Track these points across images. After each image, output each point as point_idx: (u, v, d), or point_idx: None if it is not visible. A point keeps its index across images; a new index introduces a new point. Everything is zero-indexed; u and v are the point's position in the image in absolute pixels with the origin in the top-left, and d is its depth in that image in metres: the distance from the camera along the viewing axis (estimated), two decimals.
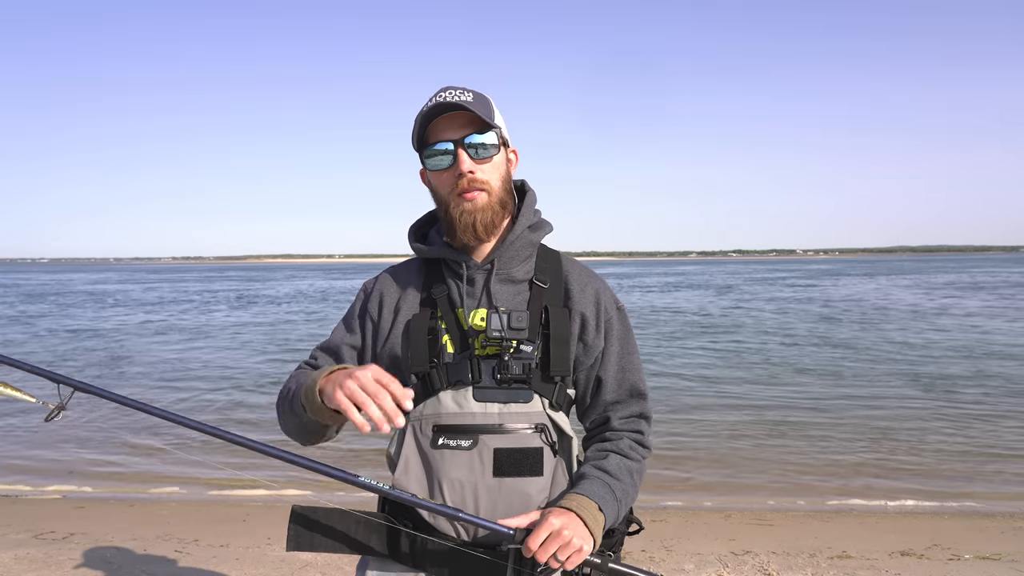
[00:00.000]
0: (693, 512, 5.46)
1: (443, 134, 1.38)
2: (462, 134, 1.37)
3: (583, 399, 1.49)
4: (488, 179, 1.40)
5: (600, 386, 1.47)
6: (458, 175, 1.38)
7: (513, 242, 1.44)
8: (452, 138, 1.37)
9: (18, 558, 4.22)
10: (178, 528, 4.86)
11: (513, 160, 1.50)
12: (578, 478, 1.39)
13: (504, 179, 1.44)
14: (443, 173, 1.40)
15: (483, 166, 1.39)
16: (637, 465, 1.44)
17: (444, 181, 1.41)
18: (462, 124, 1.38)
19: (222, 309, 28.07)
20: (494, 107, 1.44)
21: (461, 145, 1.37)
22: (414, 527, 1.37)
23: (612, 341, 1.47)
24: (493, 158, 1.41)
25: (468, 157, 1.37)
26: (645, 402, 1.49)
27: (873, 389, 10.09)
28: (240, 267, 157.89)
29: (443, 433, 1.36)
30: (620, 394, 1.47)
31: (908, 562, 4.22)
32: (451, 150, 1.37)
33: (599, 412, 1.48)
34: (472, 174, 1.37)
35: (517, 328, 1.34)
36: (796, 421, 8.22)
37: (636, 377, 1.48)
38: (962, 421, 8.12)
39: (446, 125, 1.38)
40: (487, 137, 1.39)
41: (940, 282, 43.08)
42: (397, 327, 1.45)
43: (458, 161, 1.37)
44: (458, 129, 1.37)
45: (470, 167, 1.37)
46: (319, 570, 4.04)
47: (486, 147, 1.39)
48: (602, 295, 1.48)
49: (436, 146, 1.38)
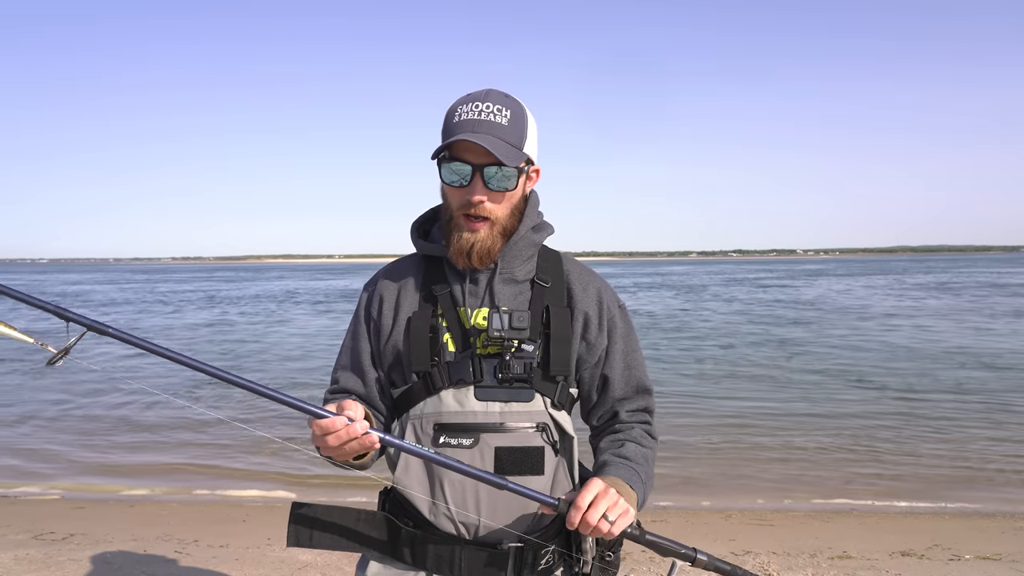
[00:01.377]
0: (693, 512, 5.46)
1: (464, 154, 1.34)
2: (483, 161, 1.33)
3: (589, 397, 1.51)
4: (496, 210, 1.38)
5: (606, 384, 1.48)
6: (467, 200, 1.36)
7: (516, 243, 1.45)
8: (472, 161, 1.34)
9: (18, 559, 4.22)
10: (178, 528, 4.85)
11: (534, 178, 1.48)
12: (600, 466, 1.42)
13: (514, 207, 1.42)
14: (455, 189, 1.38)
15: (496, 196, 1.37)
16: (651, 452, 1.47)
17: (454, 196, 1.39)
18: (486, 150, 1.32)
19: (165, 310, 27.32)
20: (527, 127, 1.40)
21: (479, 172, 1.34)
22: (415, 525, 1.38)
23: (616, 339, 1.48)
24: (506, 192, 1.39)
25: (483, 185, 1.35)
26: (650, 397, 1.53)
27: (869, 391, 10.09)
28: (233, 267, 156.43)
29: (444, 432, 1.35)
30: (627, 391, 1.49)
31: (909, 562, 4.22)
32: (468, 174, 1.35)
33: (606, 408, 1.50)
34: (482, 203, 1.36)
35: (519, 328, 1.34)
36: (799, 421, 8.22)
37: (641, 373, 1.51)
38: (962, 421, 8.12)
39: (470, 146, 1.33)
40: (507, 172, 1.36)
41: (911, 283, 42.77)
42: (399, 324, 1.45)
43: (471, 186, 1.35)
44: (481, 154, 1.33)
45: (480, 197, 1.35)
46: (319, 570, 4.04)
47: (504, 180, 1.36)
48: (604, 294, 1.49)
49: (453, 164, 1.35)
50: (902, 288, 37.37)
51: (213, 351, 15.58)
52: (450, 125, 1.37)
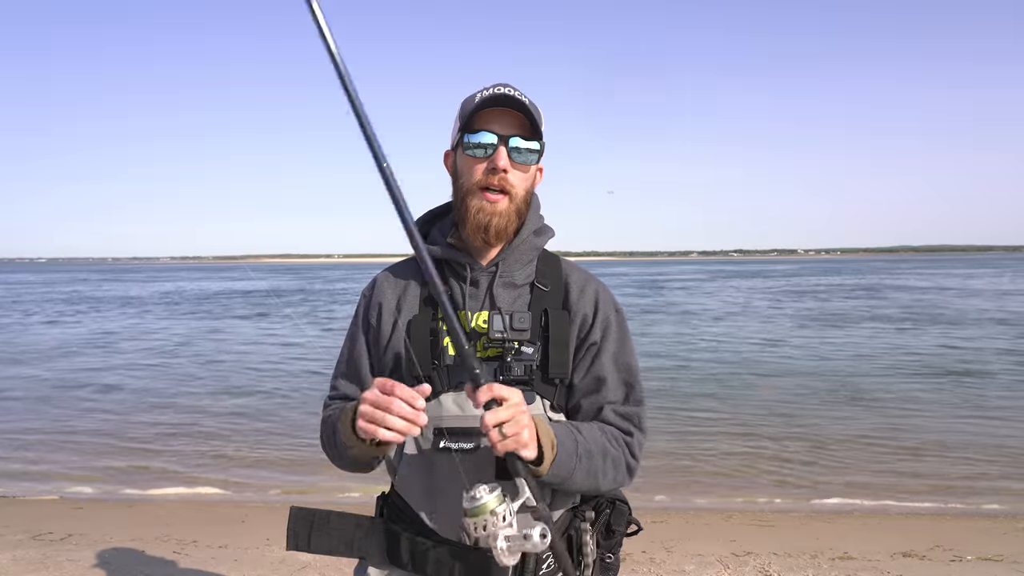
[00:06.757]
0: (694, 513, 5.45)
1: (491, 125, 1.37)
2: (510, 132, 1.36)
3: (578, 397, 1.46)
4: (517, 185, 1.39)
5: (596, 385, 1.44)
6: (491, 169, 1.36)
7: (519, 246, 1.44)
8: (500, 132, 1.36)
9: (16, 559, 4.21)
10: (177, 529, 4.84)
11: (539, 177, 1.50)
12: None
13: (528, 191, 1.44)
14: (477, 162, 1.38)
15: (517, 171, 1.38)
16: (614, 452, 1.38)
17: (476, 168, 1.39)
18: (512, 124, 1.37)
19: (13, 315, 25.38)
20: (542, 117, 1.43)
21: (504, 142, 1.36)
22: (414, 531, 1.36)
23: (610, 341, 1.45)
24: (529, 168, 1.41)
25: (507, 156, 1.37)
26: (641, 408, 1.46)
27: (864, 396, 10.08)
28: (209, 267, 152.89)
29: (444, 436, 1.34)
30: (617, 395, 1.44)
31: (910, 563, 4.20)
32: (494, 143, 1.36)
33: (594, 408, 1.43)
34: (505, 173, 1.36)
35: (519, 329, 1.33)
36: (799, 422, 8.22)
37: (633, 379, 1.46)
38: (962, 422, 8.11)
39: (497, 118, 1.36)
40: (531, 144, 1.39)
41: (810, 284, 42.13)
42: (399, 328, 1.43)
43: (495, 155, 1.36)
44: (508, 126, 1.36)
45: (506, 165, 1.36)
46: (318, 571, 4.03)
47: (528, 153, 1.39)
48: (601, 297, 1.47)
49: (481, 134, 1.37)
50: (769, 293, 35.56)
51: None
52: (472, 104, 1.37)
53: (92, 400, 9.87)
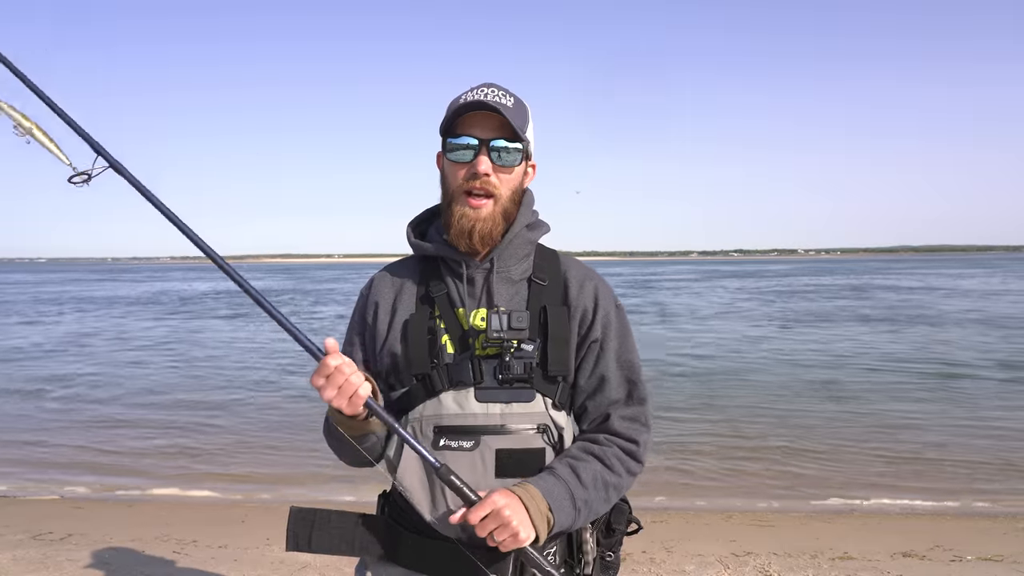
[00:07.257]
0: (694, 513, 5.44)
1: (472, 129, 1.37)
2: (491, 135, 1.37)
3: (582, 397, 1.47)
4: (500, 187, 1.39)
5: (599, 384, 1.43)
6: (473, 173, 1.37)
7: (512, 241, 1.44)
8: (479, 136, 1.37)
9: (16, 559, 4.20)
10: (177, 529, 4.84)
11: (530, 174, 1.50)
12: (546, 471, 1.34)
13: (515, 191, 1.43)
14: (460, 167, 1.39)
15: (501, 173, 1.39)
16: (615, 479, 1.38)
17: (458, 175, 1.40)
18: (493, 126, 1.37)
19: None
20: (530, 118, 1.44)
21: (486, 146, 1.37)
22: (415, 529, 1.36)
23: (611, 338, 1.45)
24: (513, 168, 1.41)
25: (489, 160, 1.37)
26: (645, 407, 1.45)
27: (864, 394, 10.08)
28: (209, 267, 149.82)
29: (444, 434, 1.34)
30: (621, 393, 1.44)
31: (910, 563, 4.20)
32: (474, 146, 1.37)
33: (599, 411, 1.43)
34: (487, 177, 1.37)
35: (518, 328, 1.33)
36: (799, 422, 8.21)
37: (635, 376, 1.46)
38: (963, 422, 8.11)
39: (478, 122, 1.37)
40: (514, 145, 1.39)
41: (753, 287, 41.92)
42: (395, 327, 1.43)
43: (477, 160, 1.37)
44: (488, 129, 1.37)
45: (487, 169, 1.37)
46: (318, 571, 4.03)
47: (510, 154, 1.39)
48: (601, 292, 1.46)
49: (461, 139, 1.38)
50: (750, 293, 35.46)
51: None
52: (455, 107, 1.39)
53: (81, 400, 9.87)
